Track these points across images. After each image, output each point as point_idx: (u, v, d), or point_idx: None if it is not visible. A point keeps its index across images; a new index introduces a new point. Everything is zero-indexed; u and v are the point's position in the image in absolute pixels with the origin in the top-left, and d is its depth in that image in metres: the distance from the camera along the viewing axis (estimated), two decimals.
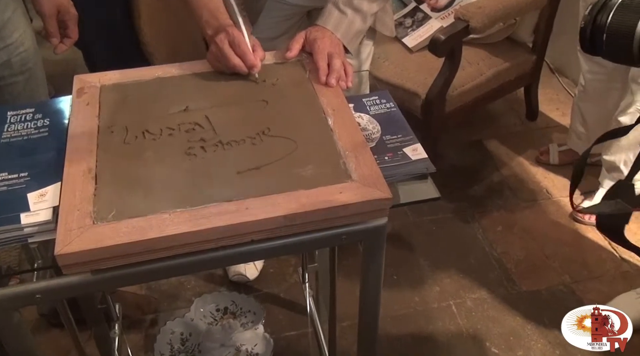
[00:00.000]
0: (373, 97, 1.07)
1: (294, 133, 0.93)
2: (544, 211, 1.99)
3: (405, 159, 0.93)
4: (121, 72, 1.07)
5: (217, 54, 1.02)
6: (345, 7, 1.12)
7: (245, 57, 1.01)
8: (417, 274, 1.78)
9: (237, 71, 1.02)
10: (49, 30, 1.21)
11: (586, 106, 1.98)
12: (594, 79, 1.90)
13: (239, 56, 1.01)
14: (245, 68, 1.02)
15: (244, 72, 1.02)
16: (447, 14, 2.05)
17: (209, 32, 1.05)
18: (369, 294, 0.97)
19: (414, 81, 1.91)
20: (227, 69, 1.04)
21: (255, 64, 1.01)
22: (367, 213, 0.83)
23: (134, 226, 0.77)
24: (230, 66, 1.02)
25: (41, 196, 0.83)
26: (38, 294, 0.80)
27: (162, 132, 0.93)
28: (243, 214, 0.79)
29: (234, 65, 1.01)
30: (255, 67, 1.02)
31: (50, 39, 1.22)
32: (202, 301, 1.56)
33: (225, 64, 1.03)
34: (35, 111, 1.01)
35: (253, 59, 1.01)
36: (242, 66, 1.01)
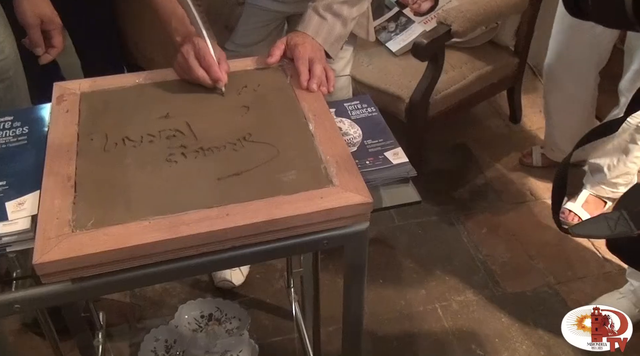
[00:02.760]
0: (354, 101, 1.07)
1: (275, 139, 0.93)
2: (528, 213, 2.00)
3: (386, 164, 0.93)
4: (102, 79, 1.06)
5: (184, 64, 1.02)
6: (325, 12, 1.12)
7: (210, 69, 1.00)
8: (402, 278, 1.78)
9: (202, 83, 1.01)
10: (33, 40, 1.18)
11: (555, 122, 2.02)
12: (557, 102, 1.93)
13: (204, 68, 1.00)
14: (209, 81, 1.00)
15: (208, 85, 1.01)
16: (430, 18, 2.06)
17: (178, 39, 1.04)
18: (352, 299, 0.97)
19: (397, 84, 1.92)
20: (192, 81, 1.03)
21: (220, 77, 1.00)
22: (348, 218, 0.83)
23: (114, 234, 0.76)
24: (194, 77, 1.01)
25: (19, 204, 0.83)
26: (17, 304, 0.79)
27: (142, 139, 0.93)
28: (224, 221, 0.79)
29: (198, 77, 1.00)
30: (220, 80, 1.00)
31: (35, 49, 1.19)
32: (187, 307, 1.55)
33: (189, 76, 1.02)
34: (14, 118, 1.00)
35: (218, 72, 1.00)
36: (207, 78, 1.00)
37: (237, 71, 1.09)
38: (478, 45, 2.10)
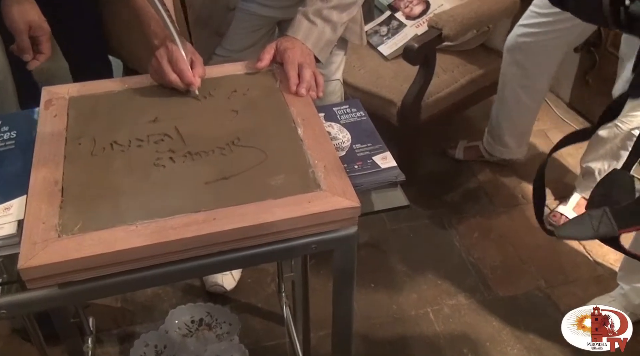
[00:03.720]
0: (344, 106, 1.07)
1: (264, 143, 0.93)
2: (520, 217, 2.01)
3: (374, 168, 0.93)
4: (90, 84, 1.06)
5: (157, 68, 1.02)
6: (315, 17, 1.13)
7: (183, 74, 1.00)
8: (394, 282, 1.78)
9: (175, 87, 1.01)
10: (20, 46, 1.18)
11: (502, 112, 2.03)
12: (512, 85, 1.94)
13: (177, 73, 1.00)
14: (182, 85, 1.00)
15: (181, 89, 1.01)
16: (421, 22, 2.07)
17: (155, 42, 1.04)
18: (341, 303, 0.97)
19: (389, 88, 1.92)
20: (165, 85, 1.03)
21: (192, 81, 1.00)
22: (336, 222, 0.83)
23: (100, 239, 0.76)
24: (167, 81, 1.01)
25: (6, 209, 0.82)
26: (2, 309, 0.78)
27: (130, 144, 0.93)
28: (211, 225, 0.78)
29: (171, 81, 1.00)
30: (192, 84, 1.00)
31: (23, 55, 1.20)
32: (177, 312, 1.54)
33: (163, 80, 1.02)
34: (2, 123, 1.00)
35: (190, 76, 1.00)
36: (179, 82, 1.00)
37: (227, 75, 1.09)
38: (470, 48, 2.10)
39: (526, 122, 2.05)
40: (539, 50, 1.81)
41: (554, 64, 1.87)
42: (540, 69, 1.87)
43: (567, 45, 1.84)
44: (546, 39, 1.77)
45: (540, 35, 1.77)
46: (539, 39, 1.78)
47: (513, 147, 2.08)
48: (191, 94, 1.02)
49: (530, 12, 1.80)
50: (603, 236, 0.68)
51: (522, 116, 2.01)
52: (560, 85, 2.52)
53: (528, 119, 2.04)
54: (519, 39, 1.83)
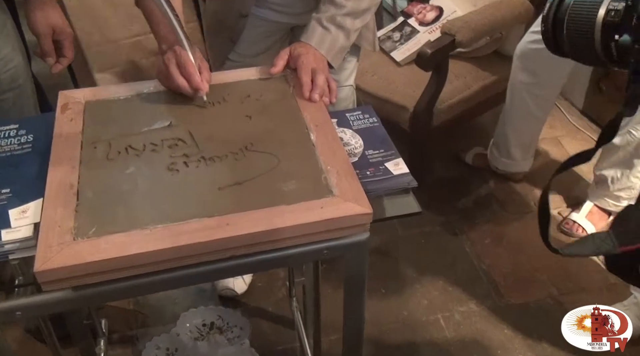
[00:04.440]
0: (356, 112, 1.07)
1: (277, 149, 0.93)
2: (532, 224, 1.99)
3: (387, 174, 0.94)
4: (106, 88, 1.08)
5: (165, 72, 1.01)
6: (329, 24, 1.13)
7: (191, 78, 0.99)
8: (405, 288, 1.78)
9: (182, 91, 1.01)
10: (44, 49, 1.20)
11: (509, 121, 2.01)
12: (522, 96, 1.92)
13: (185, 77, 1.00)
14: (189, 89, 1.00)
15: (189, 93, 1.01)
16: (435, 28, 2.07)
17: (163, 46, 1.04)
18: (352, 309, 0.97)
19: (401, 94, 1.93)
20: (173, 89, 1.03)
21: (200, 86, 1.00)
22: (348, 228, 0.84)
23: (114, 242, 0.77)
24: (174, 86, 1.01)
25: (22, 212, 0.83)
26: (18, 311, 0.79)
27: (145, 148, 0.94)
28: (224, 230, 0.79)
29: (179, 85, 1.00)
30: (200, 89, 1.00)
31: (46, 58, 1.21)
32: (189, 316, 1.55)
33: (170, 84, 1.02)
34: (20, 127, 1.01)
35: (198, 81, 0.99)
36: (187, 87, 1.00)
37: (241, 80, 1.10)
38: (482, 55, 2.10)
39: (533, 132, 2.03)
40: (550, 58, 1.78)
41: (565, 72, 1.85)
42: (551, 77, 1.85)
43: None
44: None
45: None
46: None
47: (518, 159, 2.06)
48: (198, 100, 1.02)
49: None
50: (605, 252, 0.68)
51: (529, 126, 1.99)
52: (574, 92, 2.50)
53: (535, 129, 2.02)
54: (530, 46, 1.81)
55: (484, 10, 1.90)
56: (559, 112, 2.47)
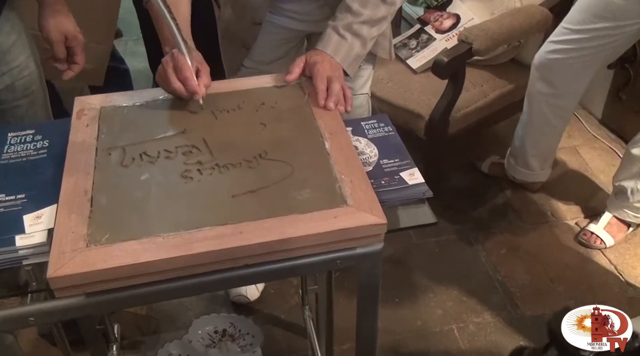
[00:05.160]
0: (371, 120, 1.07)
1: (291, 157, 0.93)
2: (549, 234, 1.97)
3: (402, 184, 0.93)
4: (121, 94, 1.08)
5: (163, 76, 1.01)
6: (345, 32, 1.13)
7: (187, 82, 0.98)
8: (419, 297, 1.76)
9: (179, 95, 1.00)
10: (57, 56, 1.21)
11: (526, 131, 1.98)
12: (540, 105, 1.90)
13: (181, 81, 0.99)
14: (186, 93, 0.99)
15: (185, 97, 1.00)
16: (451, 36, 2.06)
17: (167, 49, 1.04)
18: (365, 319, 0.96)
19: (417, 102, 1.91)
20: (170, 93, 1.02)
21: (196, 90, 0.99)
22: (362, 238, 0.83)
23: (127, 250, 0.77)
24: (171, 89, 1.00)
25: (37, 218, 0.84)
26: (31, 317, 0.79)
27: (159, 155, 0.94)
28: (237, 239, 0.78)
29: (175, 89, 0.99)
30: (196, 93, 0.99)
31: (58, 64, 1.23)
32: (201, 322, 1.54)
33: (167, 88, 1.01)
34: (36, 132, 1.01)
35: (194, 85, 0.98)
36: (183, 90, 0.99)
37: (256, 88, 1.10)
38: (500, 63, 2.08)
39: (551, 142, 2.00)
40: (569, 68, 1.77)
41: (585, 82, 1.82)
42: (570, 87, 1.83)
43: (600, 63, 1.79)
44: (577, 56, 1.73)
45: (571, 52, 1.73)
46: (569, 56, 1.74)
47: (536, 169, 2.04)
48: (194, 106, 1.01)
49: (561, 29, 1.75)
50: None
51: (547, 136, 1.97)
52: (593, 101, 2.47)
53: (553, 139, 1.99)
54: (549, 56, 1.79)
55: (501, 19, 1.88)
56: (578, 121, 2.44)
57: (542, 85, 1.84)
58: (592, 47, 1.70)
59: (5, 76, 1.19)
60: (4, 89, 1.20)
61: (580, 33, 1.69)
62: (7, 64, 1.19)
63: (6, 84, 1.20)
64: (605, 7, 1.61)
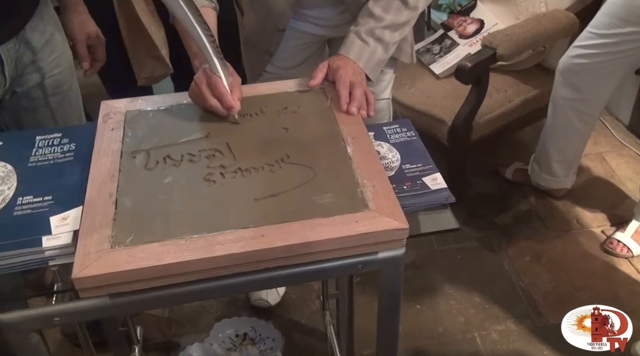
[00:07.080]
0: (394, 125, 1.06)
1: (313, 161, 0.93)
2: (574, 242, 1.94)
3: (424, 189, 0.92)
4: (146, 98, 1.09)
5: (197, 93, 1.02)
6: (367, 37, 1.13)
7: (223, 98, 0.99)
8: (441, 304, 1.75)
9: (215, 112, 1.01)
10: (80, 54, 1.30)
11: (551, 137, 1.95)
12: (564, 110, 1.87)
13: (217, 97, 1.00)
14: (222, 109, 1.00)
15: (221, 113, 1.01)
16: (475, 41, 2.05)
17: (196, 63, 1.05)
18: (386, 324, 0.95)
19: (440, 107, 1.91)
20: (206, 109, 1.03)
21: (233, 105, 0.99)
22: (383, 243, 0.83)
23: (151, 252, 0.77)
24: (207, 106, 1.01)
25: (63, 219, 0.85)
26: (56, 317, 0.80)
27: (183, 158, 0.95)
28: (259, 242, 0.79)
29: (211, 106, 1.00)
30: (232, 108, 1.00)
31: (82, 62, 1.31)
32: (222, 326, 1.55)
33: (203, 104, 1.02)
34: (63, 135, 1.03)
35: (231, 101, 0.99)
36: (220, 107, 1.00)
37: (278, 92, 1.11)
38: (524, 68, 2.06)
39: (576, 149, 1.97)
40: (594, 73, 1.74)
41: (611, 87, 1.79)
42: (596, 92, 1.80)
43: (627, 68, 1.76)
44: (603, 61, 1.70)
45: (596, 57, 1.71)
46: (595, 60, 1.72)
47: (561, 175, 2.01)
48: (230, 119, 1.02)
49: (587, 34, 1.73)
50: None
51: (572, 142, 1.94)
52: (620, 107, 2.44)
53: (578, 145, 1.96)
54: (574, 61, 1.76)
55: (526, 24, 1.86)
56: (604, 127, 2.41)
57: (566, 90, 1.82)
58: (617, 52, 1.67)
59: (36, 74, 1.22)
60: (34, 86, 1.22)
61: (605, 37, 1.67)
62: (38, 62, 1.21)
63: (36, 82, 1.22)
64: (633, 12, 1.58)
